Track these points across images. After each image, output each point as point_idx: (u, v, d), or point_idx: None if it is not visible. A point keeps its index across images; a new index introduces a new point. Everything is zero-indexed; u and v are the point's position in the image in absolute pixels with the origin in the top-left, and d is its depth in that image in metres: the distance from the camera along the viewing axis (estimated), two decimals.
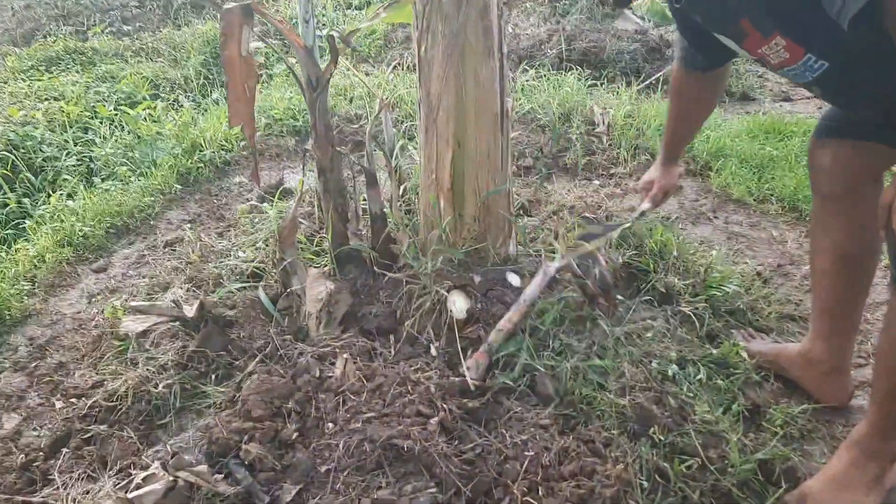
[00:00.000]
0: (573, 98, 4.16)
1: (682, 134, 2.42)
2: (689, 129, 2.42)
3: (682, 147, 2.54)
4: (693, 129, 2.48)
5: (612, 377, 2.23)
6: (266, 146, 4.21)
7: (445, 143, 2.32)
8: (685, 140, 2.54)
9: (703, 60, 2.06)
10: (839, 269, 2.04)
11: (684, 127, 2.38)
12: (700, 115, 2.36)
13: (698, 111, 2.32)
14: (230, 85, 2.00)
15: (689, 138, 2.57)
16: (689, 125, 2.39)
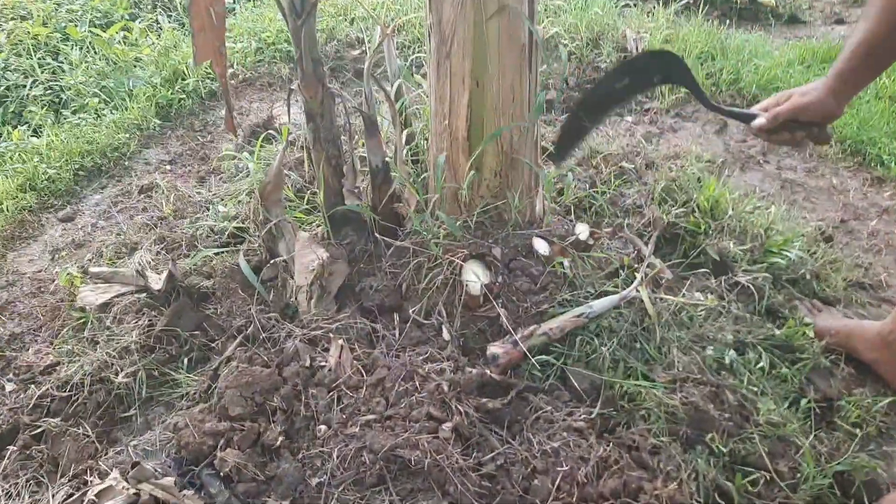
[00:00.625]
0: (603, 21, 3.66)
1: (884, 43, 1.54)
2: None
3: (868, 73, 1.61)
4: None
5: (659, 366, 1.88)
6: (256, 75, 3.75)
7: (461, 82, 1.89)
8: (882, 59, 1.60)
9: None
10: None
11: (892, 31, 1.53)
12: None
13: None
14: (192, 9, 1.57)
15: (891, 57, 1.61)
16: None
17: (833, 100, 1.60)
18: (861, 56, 1.58)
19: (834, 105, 1.61)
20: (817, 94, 1.60)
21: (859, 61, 1.58)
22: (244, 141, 3.01)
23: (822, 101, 1.60)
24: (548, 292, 1.96)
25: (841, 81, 1.59)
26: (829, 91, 1.59)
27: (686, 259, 2.24)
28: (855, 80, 1.61)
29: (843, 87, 1.60)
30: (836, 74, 1.60)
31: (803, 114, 1.61)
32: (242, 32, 3.93)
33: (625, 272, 2.12)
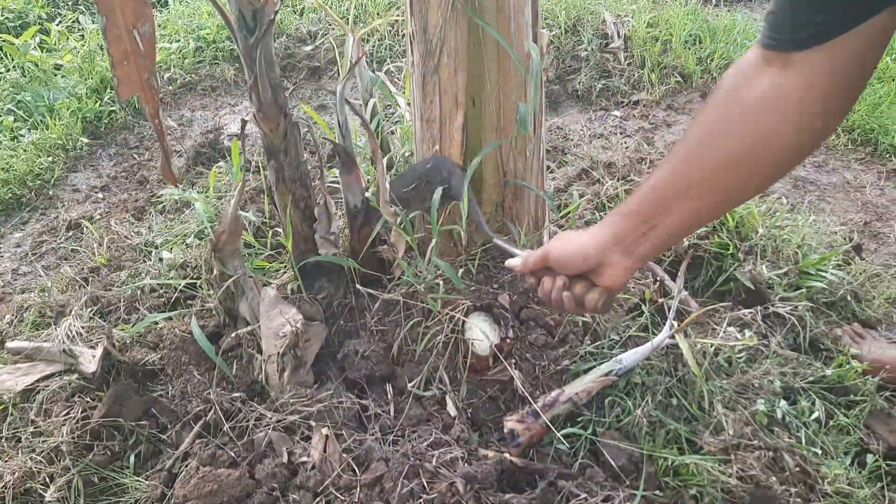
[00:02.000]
0: (581, 5, 3.33)
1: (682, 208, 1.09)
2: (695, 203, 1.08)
3: (655, 220, 1.12)
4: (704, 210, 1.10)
5: (704, 428, 1.59)
6: (197, 78, 3.33)
7: (453, 100, 1.55)
8: (680, 224, 1.12)
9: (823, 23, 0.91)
10: None
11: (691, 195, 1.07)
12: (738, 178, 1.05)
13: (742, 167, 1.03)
14: (109, 34, 1.20)
15: (689, 226, 1.14)
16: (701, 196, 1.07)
17: (596, 248, 1.16)
18: (648, 199, 1.12)
19: (596, 254, 1.16)
20: (577, 240, 1.19)
21: (645, 205, 1.12)
22: (188, 165, 2.61)
23: (581, 249, 1.17)
24: (567, 345, 1.66)
25: (612, 225, 1.15)
26: (595, 237, 1.17)
27: (713, 285, 1.96)
28: (632, 229, 1.14)
29: (615, 234, 1.15)
30: (610, 215, 1.18)
31: (553, 261, 1.21)
32: (178, 30, 3.49)
33: (647, 308, 1.82)
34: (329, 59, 3.39)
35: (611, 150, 2.53)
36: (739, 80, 1.00)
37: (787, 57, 0.94)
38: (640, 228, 1.13)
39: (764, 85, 0.96)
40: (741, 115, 0.99)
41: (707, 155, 1.03)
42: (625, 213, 1.15)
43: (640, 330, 1.76)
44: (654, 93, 3.05)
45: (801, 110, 0.95)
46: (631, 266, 1.17)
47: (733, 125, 1.00)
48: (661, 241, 1.14)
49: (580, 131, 2.82)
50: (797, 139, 0.98)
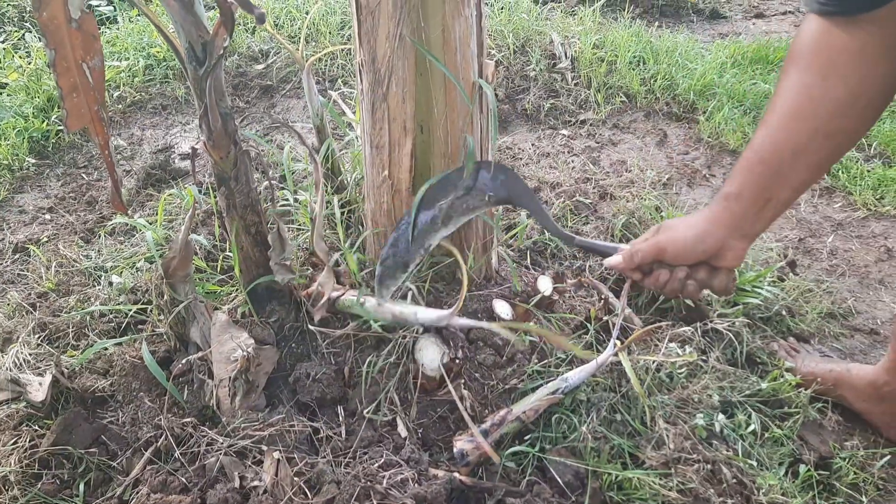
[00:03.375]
0: (529, 26, 3.41)
1: (797, 168, 1.15)
2: (814, 155, 1.15)
3: (769, 194, 1.18)
4: (823, 160, 1.17)
5: (646, 442, 1.65)
6: (147, 96, 3.31)
7: (401, 127, 1.59)
8: (798, 186, 1.19)
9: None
10: None
11: (807, 150, 1.14)
12: (847, 120, 1.13)
13: (846, 110, 1.12)
14: (59, 66, 1.21)
15: (808, 182, 1.20)
16: (810, 140, 1.14)
17: (710, 233, 1.19)
18: (757, 175, 1.16)
19: (713, 240, 1.19)
20: (686, 229, 1.23)
21: (754, 181, 1.17)
22: (138, 187, 2.59)
23: (693, 237, 1.21)
24: (515, 364, 1.70)
25: (723, 208, 1.19)
26: (706, 222, 1.21)
27: (655, 302, 2.03)
28: (747, 208, 1.18)
29: (730, 217, 1.19)
30: (718, 199, 1.21)
31: (666, 253, 1.24)
32: (127, 47, 3.47)
33: (592, 325, 1.88)
34: (281, 77, 3.40)
35: (558, 169, 2.60)
36: (817, 44, 1.11)
37: (853, 19, 1.06)
38: (756, 204, 1.18)
39: (844, 40, 1.07)
40: (834, 69, 1.09)
41: (813, 111, 1.11)
42: (737, 194, 1.19)
43: (586, 347, 1.82)
44: (600, 112, 3.14)
45: (887, 49, 1.06)
46: (748, 245, 1.24)
47: (829, 79, 1.10)
48: (780, 210, 1.21)
49: (529, 150, 2.89)
50: (886, 81, 1.09)
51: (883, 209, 2.60)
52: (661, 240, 1.27)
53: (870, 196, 2.64)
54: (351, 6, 1.54)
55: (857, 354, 2.04)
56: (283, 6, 3.75)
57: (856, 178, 2.73)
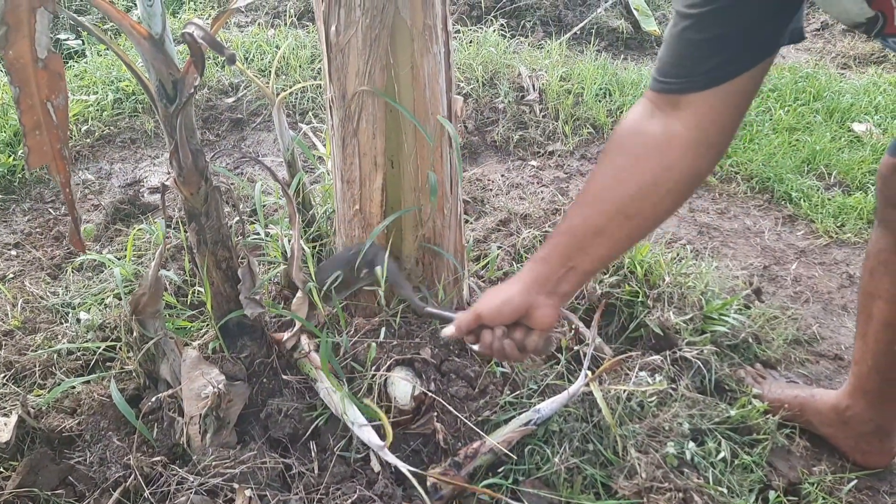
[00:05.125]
0: (497, 59, 3.47)
1: (598, 244, 1.22)
2: (615, 234, 1.21)
3: (574, 261, 1.24)
4: (622, 239, 1.24)
5: (619, 472, 1.66)
6: (116, 130, 3.30)
7: (372, 162, 1.61)
8: (597, 259, 1.26)
9: (702, 72, 1.10)
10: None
11: (608, 228, 1.20)
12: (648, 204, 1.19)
13: (648, 195, 1.17)
14: (23, 104, 1.21)
15: (607, 258, 1.28)
16: (619, 226, 1.20)
17: (522, 294, 1.25)
18: (565, 242, 1.24)
19: (523, 301, 1.25)
20: (502, 292, 1.29)
21: (562, 247, 1.24)
22: (107, 222, 2.57)
23: (505, 298, 1.26)
24: (488, 396, 1.71)
25: (533, 270, 1.26)
26: (519, 283, 1.27)
27: (625, 331, 2.06)
28: (553, 271, 1.25)
29: (538, 279, 1.25)
30: (530, 262, 1.29)
31: (484, 318, 1.29)
32: (96, 82, 3.46)
33: (563, 355, 1.90)
34: (251, 110, 3.42)
35: (527, 200, 2.64)
36: (636, 127, 1.18)
37: (677, 99, 1.12)
38: (559, 271, 1.25)
39: (659, 126, 1.15)
40: (644, 154, 1.16)
41: (618, 192, 1.18)
42: (544, 258, 1.27)
43: (557, 378, 1.83)
44: (568, 143, 3.19)
45: (695, 143, 1.13)
46: (557, 304, 1.28)
47: (638, 163, 1.16)
48: (581, 278, 1.27)
49: (499, 181, 2.93)
50: (693, 168, 1.16)
51: (844, 236, 2.67)
52: (478, 305, 1.32)
53: (831, 224, 2.71)
54: (321, 44, 1.56)
55: (822, 380, 2.08)
56: (254, 40, 3.78)
57: (817, 207, 2.80)
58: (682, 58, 1.12)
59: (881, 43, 1.12)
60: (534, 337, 1.29)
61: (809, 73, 3.83)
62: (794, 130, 3.26)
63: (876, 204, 1.55)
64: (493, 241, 2.34)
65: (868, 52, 4.29)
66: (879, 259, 1.55)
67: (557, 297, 1.27)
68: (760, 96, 3.48)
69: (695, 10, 1.07)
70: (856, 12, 1.00)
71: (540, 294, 1.26)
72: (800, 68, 3.90)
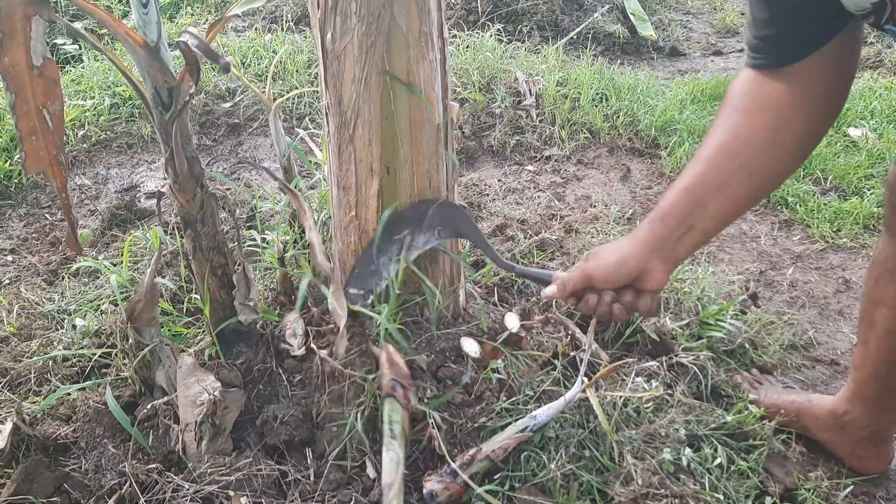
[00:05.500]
0: (495, 64, 3.48)
1: (719, 201, 1.22)
2: (736, 191, 1.23)
3: (691, 231, 1.26)
4: (744, 197, 1.25)
5: (615, 478, 1.66)
6: (112, 135, 3.30)
7: (368, 169, 1.61)
8: (718, 218, 1.26)
9: (785, 48, 1.16)
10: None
11: (730, 185, 1.22)
12: (768, 161, 1.21)
13: (767, 151, 1.20)
14: (18, 110, 1.21)
15: (728, 216, 1.28)
16: (736, 180, 1.22)
17: (636, 257, 1.24)
18: (683, 203, 1.23)
19: (638, 263, 1.23)
20: (612, 255, 1.27)
21: (680, 209, 1.23)
22: (103, 228, 2.57)
23: (619, 262, 1.25)
24: (484, 402, 1.71)
25: (649, 232, 1.24)
26: (633, 245, 1.25)
27: (621, 337, 2.05)
28: (671, 233, 1.24)
29: (655, 242, 1.24)
30: (646, 223, 1.27)
31: (594, 279, 1.28)
32: (93, 87, 3.46)
33: (560, 361, 1.90)
34: (248, 115, 3.42)
35: (524, 205, 2.64)
36: (747, 87, 1.21)
37: (780, 71, 1.16)
38: (678, 231, 1.24)
39: (769, 87, 1.18)
40: (759, 112, 1.19)
41: (736, 148, 1.20)
42: (661, 218, 1.25)
43: (554, 384, 1.83)
44: (564, 148, 3.19)
45: (806, 103, 1.17)
46: (671, 267, 1.28)
47: (753, 120, 1.19)
48: (700, 238, 1.27)
49: (496, 186, 2.93)
50: (809, 125, 1.19)
51: (840, 241, 2.67)
52: (588, 266, 1.30)
53: (827, 228, 2.71)
54: (317, 50, 1.56)
55: (818, 385, 2.08)
56: (251, 45, 3.78)
57: (813, 212, 2.80)
58: (769, 30, 1.16)
59: (887, 33, 1.13)
60: (646, 300, 1.28)
61: None
62: None
63: (885, 212, 1.55)
64: None
65: (864, 57, 4.30)
66: (886, 267, 1.55)
67: (673, 260, 1.26)
68: None
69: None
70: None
71: (655, 258, 1.24)
72: None
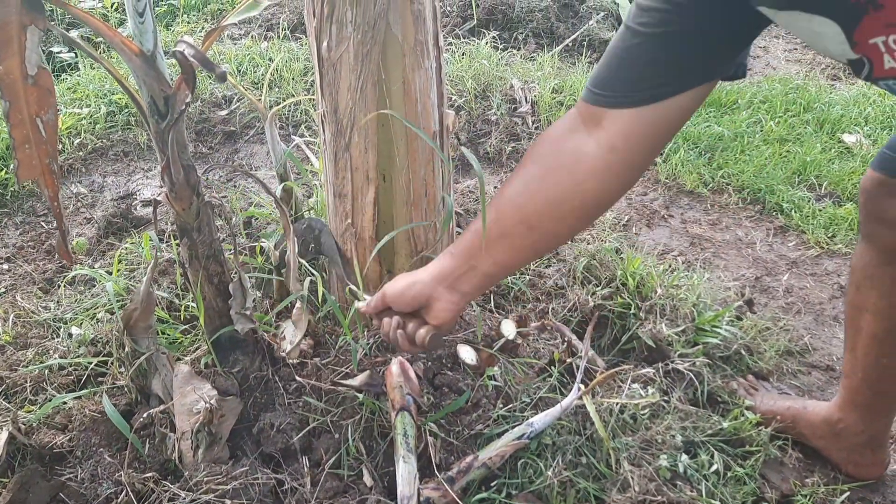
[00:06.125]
0: (490, 71, 3.49)
1: (501, 247, 1.24)
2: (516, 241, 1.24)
3: (482, 274, 1.29)
4: (525, 248, 1.26)
5: (612, 484, 1.66)
6: (109, 143, 3.30)
7: (364, 176, 1.62)
8: (499, 263, 1.28)
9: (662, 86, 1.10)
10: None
11: (511, 235, 1.23)
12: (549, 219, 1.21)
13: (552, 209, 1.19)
14: (12, 119, 1.21)
15: (508, 264, 1.31)
16: (521, 234, 1.22)
17: (424, 282, 1.27)
18: (471, 245, 1.25)
19: (426, 289, 1.27)
20: (405, 276, 1.33)
21: (467, 251, 1.26)
22: (99, 236, 2.57)
23: (408, 283, 1.29)
24: (481, 409, 1.71)
25: (439, 263, 1.29)
26: (423, 272, 1.30)
27: (618, 343, 2.06)
28: (457, 267, 1.27)
29: (441, 272, 1.28)
30: (442, 255, 1.32)
31: (388, 299, 1.33)
32: (89, 94, 3.46)
33: (556, 368, 1.90)
34: (245, 123, 3.42)
35: None
36: (555, 139, 1.19)
37: (603, 113, 1.11)
38: (462, 268, 1.27)
39: (576, 143, 1.15)
40: (557, 167, 1.16)
41: (524, 200, 1.19)
42: (452, 253, 1.30)
43: (550, 391, 1.83)
44: None
45: (607, 165, 1.13)
46: (457, 301, 1.30)
47: (551, 175, 1.17)
48: (482, 280, 1.29)
49: (491, 193, 2.93)
50: (602, 189, 1.16)
51: (835, 247, 2.68)
52: (386, 287, 1.35)
53: (822, 234, 2.72)
54: (313, 59, 1.57)
55: (814, 391, 2.08)
56: (247, 53, 3.79)
57: (808, 218, 2.81)
58: (620, 72, 1.12)
59: (876, 85, 1.10)
60: (422, 331, 1.30)
61: (800, 84, 3.85)
62: (785, 142, 3.28)
63: (860, 218, 1.56)
64: None
65: None
66: (866, 274, 1.56)
67: (459, 294, 1.28)
68: (751, 108, 3.51)
69: (647, 30, 1.07)
70: (838, 53, 0.99)
71: (441, 286, 1.27)
72: (790, 80, 3.92)
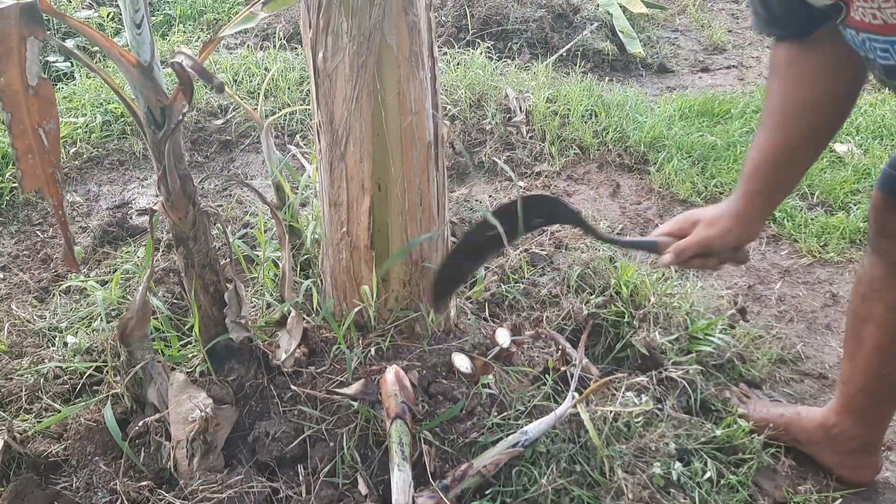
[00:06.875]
0: (485, 81, 3.51)
1: (786, 152, 1.39)
2: (797, 144, 1.39)
3: (780, 189, 1.47)
4: (806, 150, 1.43)
5: (606, 493, 1.67)
6: (104, 152, 3.30)
7: (360, 186, 1.63)
8: (789, 170, 1.43)
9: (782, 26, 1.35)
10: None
11: (792, 137, 1.38)
12: (816, 114, 1.37)
13: (812, 107, 1.36)
14: (14, 129, 1.22)
15: (798, 167, 1.46)
16: (799, 135, 1.38)
17: (743, 226, 1.43)
18: (767, 173, 1.41)
19: (745, 230, 1.44)
20: (725, 224, 1.43)
21: (766, 179, 1.41)
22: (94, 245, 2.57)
23: (732, 230, 1.43)
24: (475, 418, 1.72)
25: (749, 204, 1.42)
26: (738, 217, 1.43)
27: (611, 352, 2.07)
28: (766, 201, 1.44)
29: (754, 211, 1.43)
30: (742, 196, 1.43)
31: (712, 248, 1.45)
32: (84, 104, 3.47)
33: (550, 376, 1.91)
34: (240, 132, 3.43)
35: None
36: (785, 59, 1.36)
37: (799, 42, 1.33)
38: (767, 204, 1.45)
39: (798, 56, 1.34)
40: (802, 76, 1.34)
41: (796, 107, 1.35)
42: (753, 192, 1.42)
43: (545, 399, 1.84)
44: (554, 164, 3.22)
45: (829, 72, 1.32)
46: (762, 226, 1.59)
47: (800, 84, 1.34)
48: (779, 200, 1.53)
49: (486, 202, 2.95)
50: (838, 88, 1.35)
51: (827, 255, 2.70)
52: (708, 236, 1.44)
53: (814, 243, 2.74)
54: (309, 69, 1.59)
55: (807, 399, 2.10)
56: (243, 63, 3.80)
57: (800, 226, 2.83)
58: (776, 11, 1.30)
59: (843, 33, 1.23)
60: (743, 252, 1.49)
61: None
62: None
63: (869, 232, 1.58)
64: None
65: None
66: (873, 286, 1.58)
67: (763, 222, 1.52)
68: (744, 117, 3.53)
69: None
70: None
71: (755, 223, 1.45)
72: None
